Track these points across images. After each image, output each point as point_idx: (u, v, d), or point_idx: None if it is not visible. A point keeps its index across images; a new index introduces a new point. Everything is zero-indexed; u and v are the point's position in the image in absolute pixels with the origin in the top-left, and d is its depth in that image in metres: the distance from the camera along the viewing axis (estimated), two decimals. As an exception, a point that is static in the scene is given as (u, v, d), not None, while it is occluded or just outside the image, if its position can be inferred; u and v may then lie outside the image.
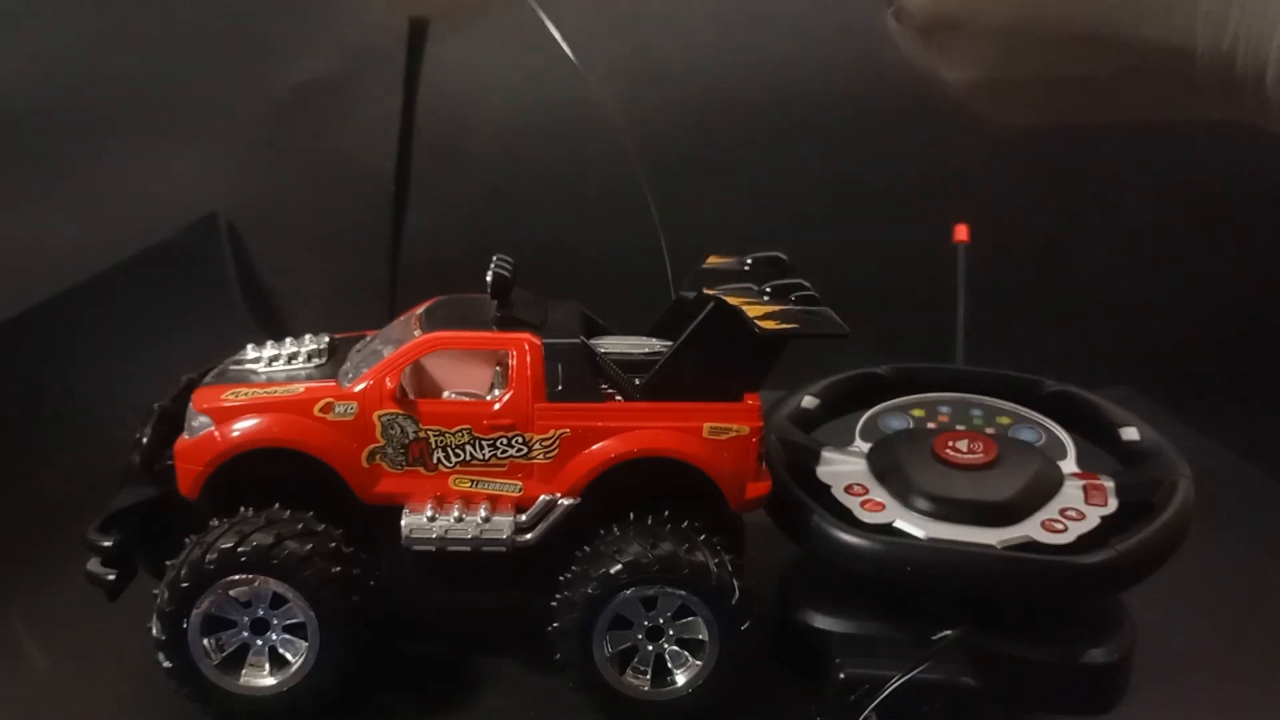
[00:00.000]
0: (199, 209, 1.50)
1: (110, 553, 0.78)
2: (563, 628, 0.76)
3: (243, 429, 0.77)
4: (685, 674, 0.77)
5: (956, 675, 0.74)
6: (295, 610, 0.75)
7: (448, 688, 0.83)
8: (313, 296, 1.54)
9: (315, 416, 0.77)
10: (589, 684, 0.77)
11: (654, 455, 0.77)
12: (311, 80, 1.50)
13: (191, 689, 0.75)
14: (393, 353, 0.78)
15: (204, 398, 0.79)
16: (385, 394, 0.77)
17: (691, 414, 0.77)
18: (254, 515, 0.76)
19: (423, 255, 1.48)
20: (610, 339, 0.87)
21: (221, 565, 0.73)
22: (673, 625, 0.77)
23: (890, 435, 0.93)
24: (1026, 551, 0.77)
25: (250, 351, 0.85)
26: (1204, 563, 0.88)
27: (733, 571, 0.75)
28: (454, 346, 0.80)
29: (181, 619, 0.74)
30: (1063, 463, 0.88)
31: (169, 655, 0.74)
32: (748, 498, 0.79)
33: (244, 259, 1.53)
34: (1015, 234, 1.42)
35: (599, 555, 0.75)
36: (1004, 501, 0.81)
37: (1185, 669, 0.86)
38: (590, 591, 0.75)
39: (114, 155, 1.48)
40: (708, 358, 0.77)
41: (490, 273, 0.80)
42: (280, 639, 0.76)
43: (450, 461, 0.78)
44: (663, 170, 1.01)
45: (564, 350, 0.78)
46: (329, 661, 0.76)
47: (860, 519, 0.81)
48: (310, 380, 0.80)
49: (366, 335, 0.88)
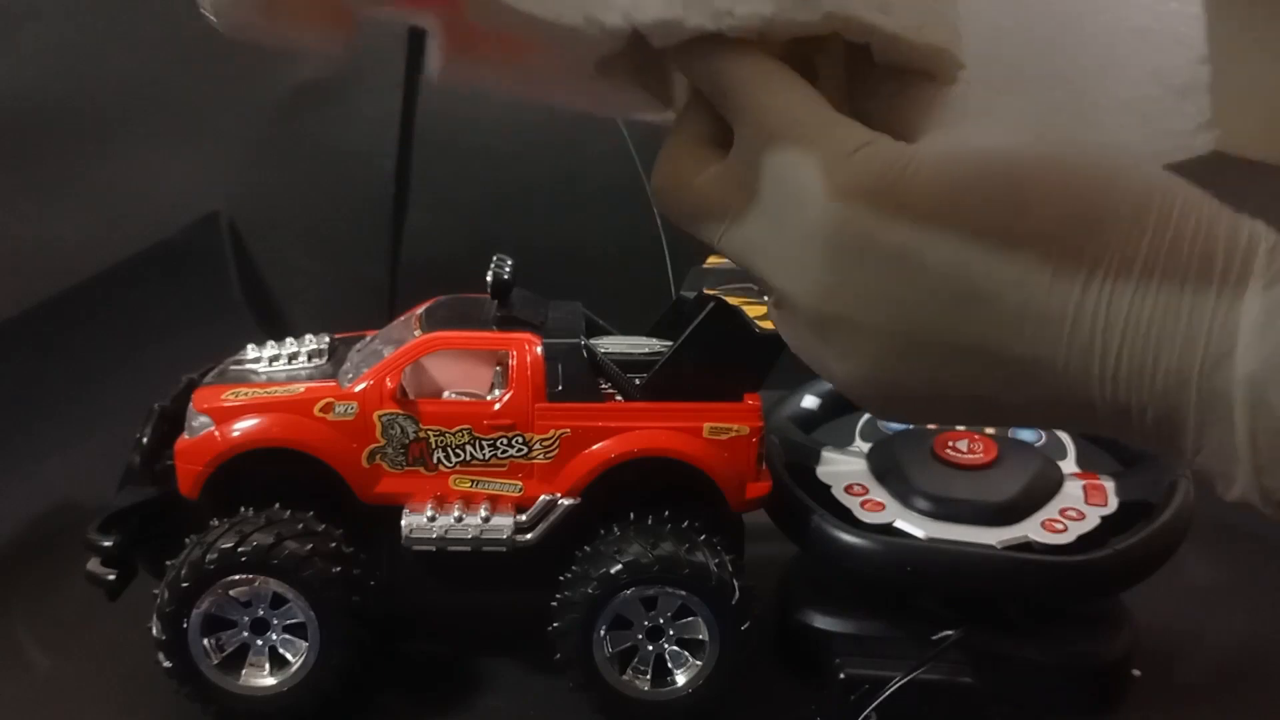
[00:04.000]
0: (200, 208, 1.50)
1: (110, 553, 0.78)
2: (563, 628, 0.76)
3: (243, 429, 0.77)
4: (685, 674, 0.77)
5: (956, 675, 0.74)
6: (295, 610, 0.75)
7: (448, 688, 0.83)
8: (313, 296, 1.54)
9: (315, 416, 0.77)
10: (589, 684, 0.77)
11: (654, 455, 0.77)
12: (311, 80, 1.50)
13: (191, 689, 0.75)
14: (393, 353, 0.78)
15: (204, 398, 0.79)
16: (385, 394, 0.77)
17: (691, 414, 0.77)
18: (254, 515, 0.76)
19: (423, 255, 1.49)
20: (610, 339, 0.87)
21: (221, 565, 0.73)
22: (673, 625, 0.77)
23: (890, 435, 0.93)
24: (1026, 551, 0.77)
25: (250, 351, 0.85)
26: (1204, 563, 0.88)
27: (733, 571, 0.75)
28: (454, 346, 0.80)
29: (181, 619, 0.74)
30: (1063, 463, 0.88)
31: (169, 655, 0.74)
32: (748, 498, 0.79)
33: (245, 258, 1.53)
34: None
35: (599, 555, 0.75)
36: (1004, 501, 0.81)
37: (1185, 669, 0.86)
38: (590, 591, 0.75)
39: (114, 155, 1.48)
40: (708, 358, 0.77)
41: (490, 273, 0.80)
42: (280, 639, 0.76)
43: (450, 461, 0.78)
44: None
45: (564, 350, 0.78)
46: (329, 661, 0.76)
47: (860, 519, 0.81)
48: (310, 380, 0.80)
49: (366, 335, 0.88)
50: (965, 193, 0.32)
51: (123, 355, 1.26)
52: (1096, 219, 0.31)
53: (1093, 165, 0.32)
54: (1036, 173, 0.32)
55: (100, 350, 1.25)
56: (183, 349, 1.06)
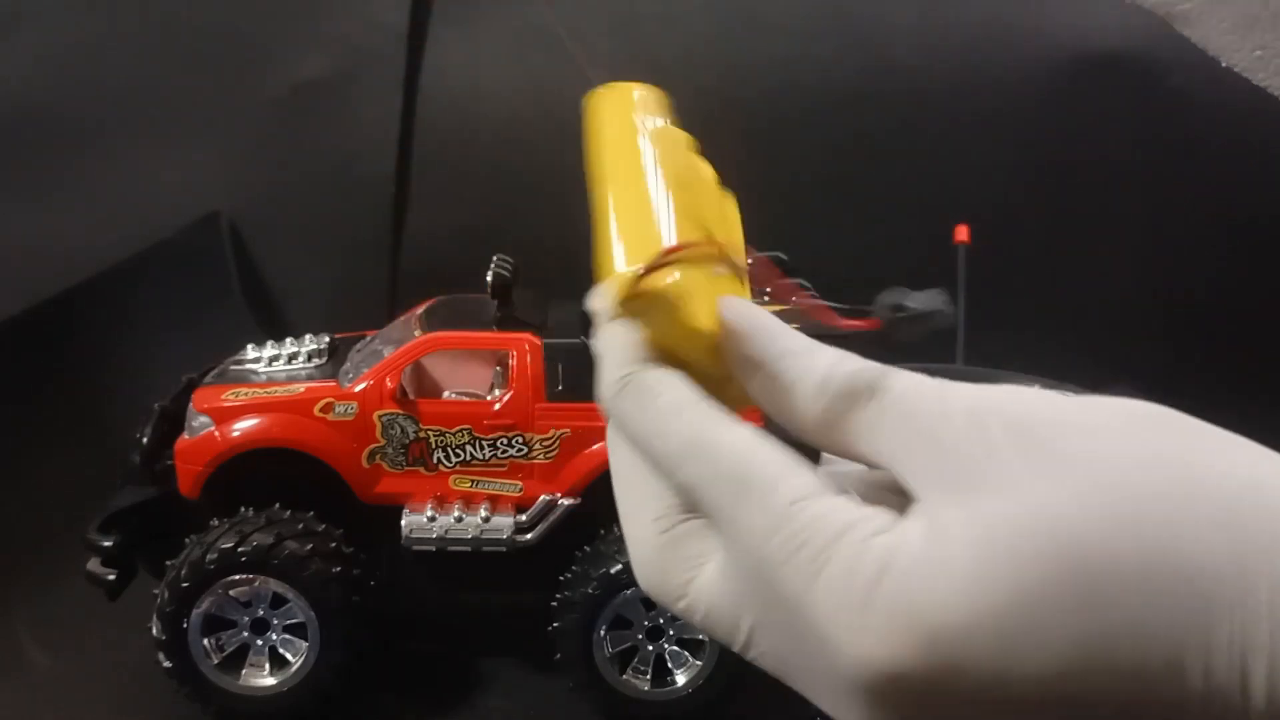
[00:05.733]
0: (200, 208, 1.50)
1: (110, 553, 0.78)
2: (563, 628, 0.76)
3: (243, 429, 0.77)
4: (685, 674, 0.77)
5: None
6: (295, 610, 0.75)
7: (448, 688, 0.83)
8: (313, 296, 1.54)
9: (315, 416, 0.77)
10: (589, 684, 0.77)
11: (654, 455, 0.77)
12: (311, 80, 1.50)
13: (191, 689, 0.75)
14: (393, 353, 0.78)
15: (204, 398, 0.79)
16: (385, 394, 0.77)
17: (691, 414, 0.77)
18: (254, 515, 0.76)
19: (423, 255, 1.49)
20: (610, 339, 0.87)
21: (221, 565, 0.73)
22: (673, 625, 0.77)
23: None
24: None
25: (250, 351, 0.85)
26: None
27: (733, 571, 0.75)
28: (454, 346, 0.80)
29: (181, 619, 0.74)
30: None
31: (169, 655, 0.74)
32: (748, 498, 0.79)
33: (245, 258, 1.53)
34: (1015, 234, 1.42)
35: (599, 555, 0.75)
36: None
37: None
38: (590, 591, 0.75)
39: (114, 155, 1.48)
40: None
41: (490, 273, 0.80)
42: (280, 639, 0.76)
43: (450, 461, 0.78)
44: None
45: (564, 350, 0.78)
46: (329, 661, 0.76)
47: (860, 519, 0.81)
48: (310, 380, 0.80)
49: (366, 335, 0.88)
50: (1033, 609, 0.23)
51: (123, 355, 1.26)
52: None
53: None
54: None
55: (100, 350, 1.25)
56: (183, 349, 1.06)
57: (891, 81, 1.46)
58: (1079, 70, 1.43)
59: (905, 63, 1.45)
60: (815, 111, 1.47)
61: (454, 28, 1.47)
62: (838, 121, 1.47)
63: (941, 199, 1.39)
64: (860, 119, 1.47)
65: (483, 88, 1.50)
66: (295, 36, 1.51)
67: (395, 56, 1.46)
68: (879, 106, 1.45)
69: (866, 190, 1.48)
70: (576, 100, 0.46)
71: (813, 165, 1.48)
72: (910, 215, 1.42)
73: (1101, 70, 1.43)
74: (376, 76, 1.47)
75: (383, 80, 1.47)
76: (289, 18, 1.50)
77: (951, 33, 1.46)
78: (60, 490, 1.06)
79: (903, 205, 1.46)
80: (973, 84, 1.45)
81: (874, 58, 1.46)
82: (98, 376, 1.23)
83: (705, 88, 1.49)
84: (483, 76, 1.49)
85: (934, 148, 1.44)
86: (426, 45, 1.09)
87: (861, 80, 1.45)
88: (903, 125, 1.45)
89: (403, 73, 1.46)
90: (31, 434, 1.12)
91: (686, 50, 1.48)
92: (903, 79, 1.47)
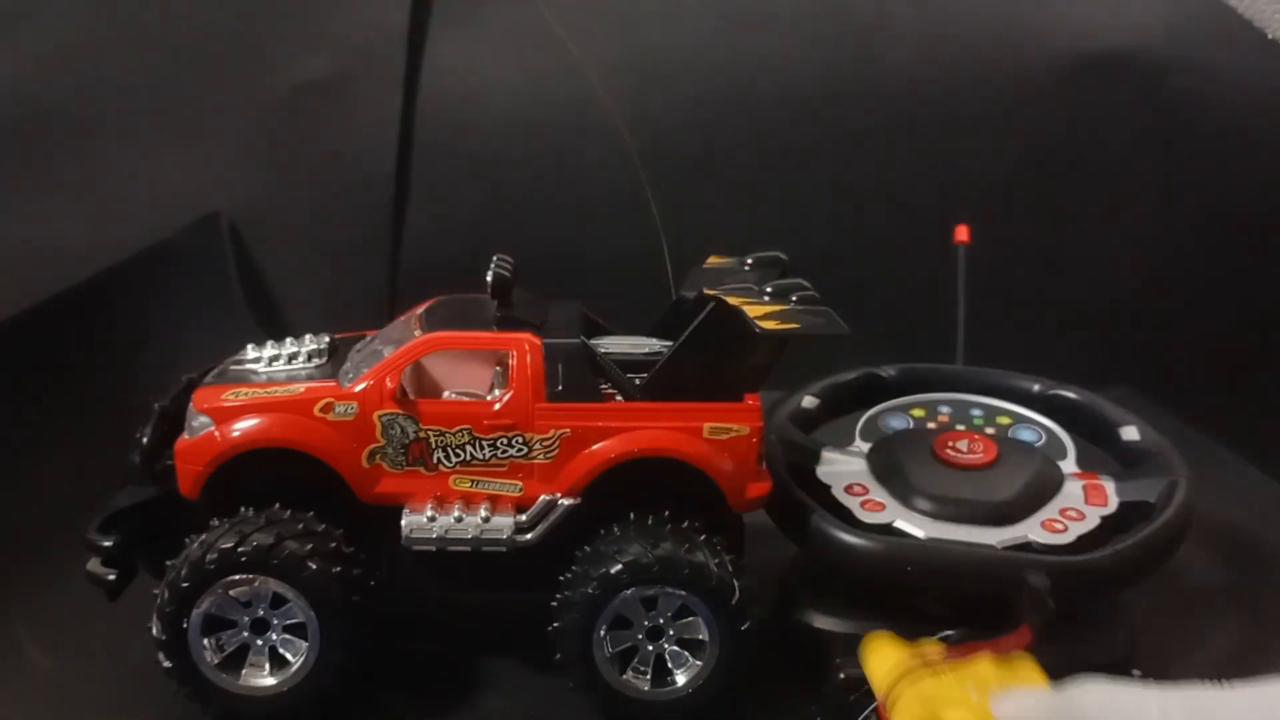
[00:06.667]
0: (200, 208, 1.50)
1: (110, 553, 0.78)
2: (563, 628, 0.76)
3: (243, 429, 0.77)
4: (685, 674, 0.77)
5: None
6: (295, 610, 0.75)
7: (448, 688, 0.83)
8: (313, 296, 1.54)
9: (315, 416, 0.77)
10: (589, 684, 0.77)
11: (654, 455, 0.77)
12: (311, 80, 1.50)
13: (191, 689, 0.75)
14: (393, 353, 0.78)
15: (204, 398, 0.79)
16: (385, 394, 0.77)
17: (692, 414, 0.77)
18: (254, 515, 0.76)
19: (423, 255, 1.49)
20: (610, 339, 0.87)
21: (221, 565, 0.73)
22: (673, 625, 0.77)
23: (890, 435, 0.93)
24: (1026, 551, 0.77)
25: (250, 351, 0.85)
26: (1204, 563, 0.88)
27: (733, 571, 0.75)
28: (454, 346, 0.80)
29: (181, 619, 0.74)
30: (1063, 463, 0.88)
31: (169, 655, 0.74)
32: (748, 498, 0.79)
33: (245, 258, 1.53)
34: (1015, 234, 1.42)
35: (599, 555, 0.75)
36: (1004, 501, 0.81)
37: (1185, 669, 0.85)
38: (590, 591, 0.75)
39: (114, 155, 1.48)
40: (708, 358, 0.77)
41: (490, 273, 0.80)
42: (280, 639, 0.76)
43: (450, 461, 0.78)
44: (663, 170, 1.01)
45: (564, 350, 0.78)
46: (329, 661, 0.76)
47: (860, 519, 0.81)
48: (310, 380, 0.80)
49: (366, 335, 0.88)
50: None
51: (123, 355, 1.26)
52: None
53: None
54: None
55: (100, 350, 1.25)
56: (183, 349, 1.06)
57: (892, 81, 1.46)
58: (1080, 70, 1.43)
59: (905, 63, 1.46)
60: (815, 111, 1.47)
61: (454, 28, 1.47)
62: (837, 121, 1.47)
63: (941, 199, 1.39)
64: (860, 119, 1.47)
65: (483, 88, 1.50)
66: (295, 37, 1.51)
67: (395, 56, 1.47)
68: (879, 106, 1.45)
69: (867, 190, 1.48)
70: (576, 100, 0.46)
71: (813, 165, 1.48)
72: (910, 215, 1.42)
73: (1102, 70, 1.43)
74: (376, 77, 1.48)
75: (383, 80, 1.47)
76: (289, 18, 1.50)
77: (952, 33, 1.46)
78: (60, 490, 1.06)
79: (903, 205, 1.46)
80: (973, 84, 1.45)
81: (874, 58, 1.47)
82: (98, 376, 1.23)
83: (705, 88, 1.49)
84: (483, 76, 1.49)
85: (934, 147, 1.45)
86: (426, 45, 1.09)
87: (862, 80, 1.45)
88: (903, 125, 1.45)
89: (403, 73, 1.46)
90: (31, 434, 1.12)
91: (686, 50, 1.48)
92: (903, 79, 1.47)
